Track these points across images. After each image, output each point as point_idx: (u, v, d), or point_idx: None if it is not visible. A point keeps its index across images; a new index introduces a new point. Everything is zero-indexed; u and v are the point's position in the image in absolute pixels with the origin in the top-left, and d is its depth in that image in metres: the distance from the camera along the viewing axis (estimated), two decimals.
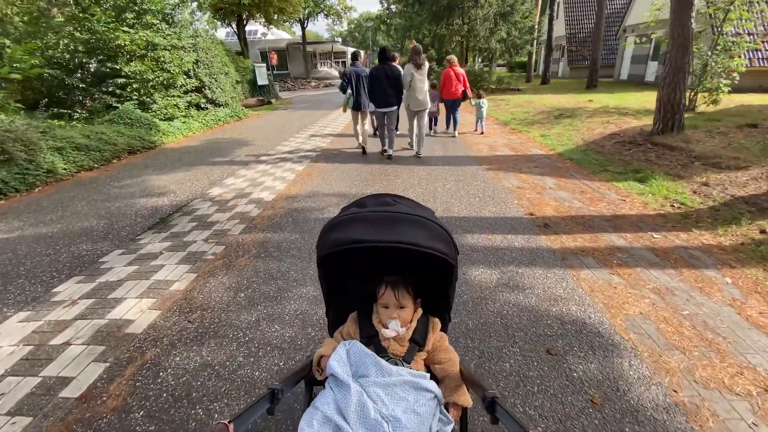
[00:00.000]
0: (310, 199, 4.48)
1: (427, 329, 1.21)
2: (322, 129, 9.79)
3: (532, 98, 13.86)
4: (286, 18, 30.07)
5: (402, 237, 1.03)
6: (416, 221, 1.07)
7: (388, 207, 1.13)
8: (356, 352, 1.10)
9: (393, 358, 1.13)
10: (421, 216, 1.09)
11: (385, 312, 1.18)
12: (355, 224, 1.08)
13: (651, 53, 18.26)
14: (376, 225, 1.06)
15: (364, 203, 1.21)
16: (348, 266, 1.27)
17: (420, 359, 1.18)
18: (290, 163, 6.24)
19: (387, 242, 1.02)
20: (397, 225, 1.05)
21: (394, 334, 1.14)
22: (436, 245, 1.06)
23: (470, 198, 4.48)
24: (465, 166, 5.91)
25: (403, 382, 1.02)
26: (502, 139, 7.88)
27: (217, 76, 11.79)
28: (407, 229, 1.05)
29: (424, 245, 1.03)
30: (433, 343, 1.20)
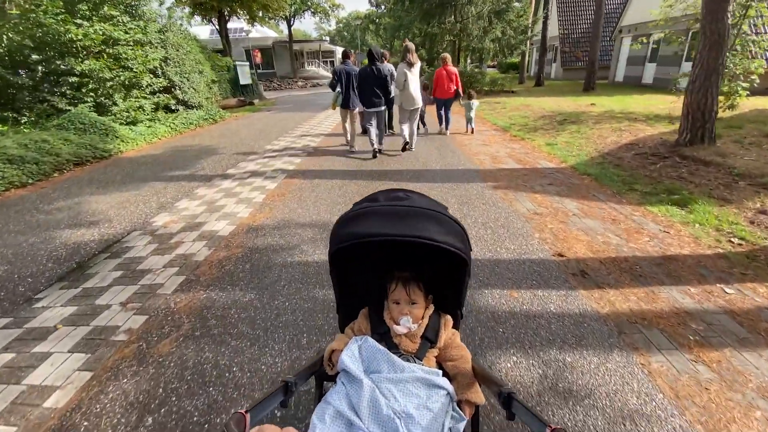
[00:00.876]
0: (279, 233, 3.54)
1: (439, 326, 1.19)
2: (304, 134, 8.83)
3: (528, 101, 13.11)
4: (271, 15, 28.93)
5: (415, 231, 1.01)
6: (430, 215, 1.06)
7: (401, 201, 1.11)
8: (368, 347, 1.09)
9: (405, 354, 1.11)
10: (435, 210, 1.08)
11: (396, 308, 1.17)
12: (367, 218, 1.07)
13: (649, 54, 17.74)
14: (388, 219, 1.04)
15: (376, 198, 1.17)
16: (360, 261, 1.24)
17: (432, 356, 1.16)
18: (261, 179, 5.28)
19: (400, 236, 1.01)
20: (410, 219, 1.04)
21: (405, 331, 1.14)
22: (449, 240, 1.03)
23: (479, 229, 3.61)
24: (468, 182, 5.04)
25: (415, 378, 1.01)
26: (504, 148, 7.05)
27: (189, 75, 10.74)
28: (420, 223, 1.03)
29: (438, 239, 1.01)
30: (445, 340, 1.18)
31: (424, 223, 1.03)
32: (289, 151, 7.05)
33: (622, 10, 20.57)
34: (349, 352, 1.08)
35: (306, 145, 7.59)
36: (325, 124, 10.47)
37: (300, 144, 7.74)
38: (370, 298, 1.27)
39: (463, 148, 7.08)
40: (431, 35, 17.62)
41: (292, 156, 6.68)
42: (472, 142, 7.53)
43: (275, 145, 7.65)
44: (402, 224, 1.02)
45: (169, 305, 2.47)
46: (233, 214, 3.97)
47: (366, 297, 1.29)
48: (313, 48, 42.07)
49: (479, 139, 7.90)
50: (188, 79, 10.66)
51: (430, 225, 1.03)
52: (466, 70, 16.98)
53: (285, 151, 7.12)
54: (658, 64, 17.01)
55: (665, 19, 9.72)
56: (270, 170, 5.71)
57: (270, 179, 5.25)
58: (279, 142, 8.05)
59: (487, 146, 7.22)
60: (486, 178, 5.20)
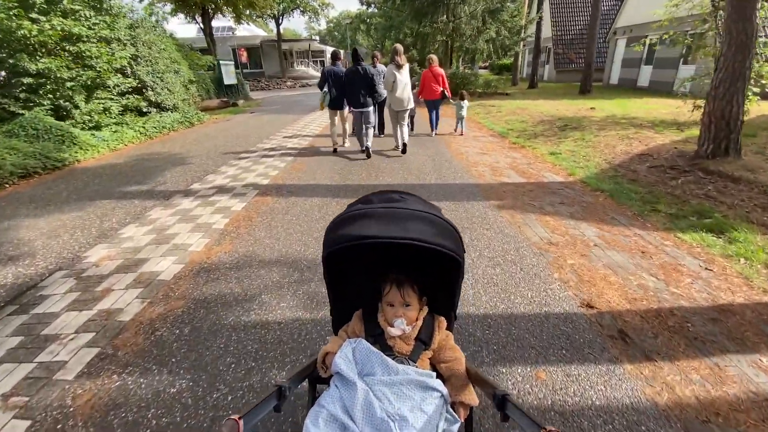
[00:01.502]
0: (236, 276, 2.83)
1: (432, 328, 1.19)
2: (286, 140, 8.13)
3: (524, 104, 12.57)
4: (258, 13, 28.08)
5: (409, 233, 1.01)
6: (423, 217, 1.06)
7: (395, 203, 1.10)
8: (362, 350, 1.08)
9: (399, 356, 1.11)
10: (429, 212, 1.08)
11: (390, 310, 1.16)
12: (361, 220, 1.06)
13: (644, 57, 17.38)
14: (382, 221, 1.04)
15: (370, 200, 1.16)
16: (353, 263, 1.23)
17: (426, 358, 1.14)
18: (228, 197, 4.55)
19: (394, 238, 1.00)
20: (404, 221, 1.04)
21: (399, 333, 1.13)
22: (443, 241, 1.04)
23: (487, 267, 2.96)
24: (468, 200, 4.40)
25: (409, 380, 1.01)
26: (504, 157, 6.44)
27: (163, 74, 9.94)
28: (414, 225, 1.03)
29: (432, 241, 1.01)
30: (438, 341, 1.17)
31: (418, 225, 1.04)
32: (266, 161, 6.34)
33: (616, 12, 20.25)
34: (343, 355, 1.07)
35: (286, 153, 6.89)
36: (311, 127, 9.76)
37: (280, 151, 7.03)
38: (364, 300, 1.26)
39: (460, 157, 6.45)
40: (423, 35, 17.01)
41: (269, 167, 5.97)
42: (469, 151, 6.91)
43: (252, 153, 6.93)
44: (396, 226, 1.02)
45: (64, 402, 1.75)
46: (184, 247, 3.24)
47: (360, 299, 1.27)
48: (302, 47, 41.27)
49: (476, 146, 7.29)
50: (162, 79, 9.86)
51: (424, 227, 1.04)
52: (459, 71, 16.39)
53: (261, 160, 6.41)
54: (654, 66, 16.65)
55: (670, 20, 9.23)
56: (240, 185, 4.99)
57: (238, 197, 4.53)
58: (256, 149, 7.33)
59: (486, 155, 6.60)
60: (488, 195, 4.56)
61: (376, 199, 1.15)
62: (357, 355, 1.08)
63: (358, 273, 1.27)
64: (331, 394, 1.01)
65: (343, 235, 1.04)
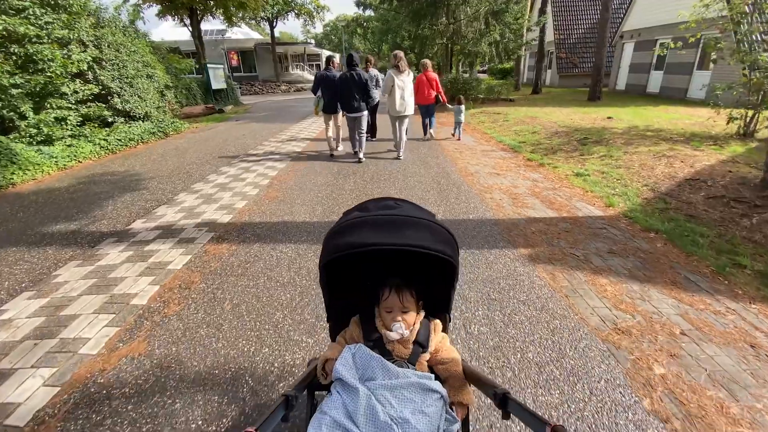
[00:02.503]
0: (133, 415, 1.80)
1: (429, 331, 1.20)
2: (268, 155, 7.08)
3: (532, 112, 11.58)
4: (249, 15, 27.11)
5: (408, 240, 1.03)
6: (420, 223, 1.08)
7: (392, 210, 1.12)
8: (362, 355, 1.09)
9: (398, 360, 1.12)
10: (424, 218, 1.09)
11: (389, 315, 1.17)
12: (359, 228, 1.07)
13: (654, 62, 16.51)
14: (381, 228, 1.05)
15: (366, 207, 1.17)
16: (351, 270, 1.24)
17: (424, 361, 1.16)
18: (170, 246, 3.42)
19: (394, 245, 1.02)
20: (401, 228, 1.05)
21: (398, 337, 1.14)
22: (441, 247, 1.06)
23: (537, 386, 1.91)
24: (488, 247, 3.36)
25: (409, 383, 1.02)
26: (522, 178, 5.42)
27: (133, 80, 8.87)
28: (412, 231, 1.05)
29: (431, 247, 1.03)
30: (435, 344, 1.19)
31: (416, 231, 1.05)
32: (235, 186, 5.27)
33: (622, 15, 19.42)
34: (343, 361, 1.07)
35: (263, 174, 5.82)
36: (299, 139, 8.72)
37: (255, 172, 5.97)
38: (361, 305, 1.27)
39: (469, 179, 5.42)
40: (422, 38, 16.09)
41: (237, 194, 4.89)
42: (480, 170, 5.88)
43: (221, 174, 5.86)
44: (395, 233, 1.03)
45: None
46: (74, 347, 2.12)
47: (356, 305, 1.28)
48: (297, 51, 40.38)
49: (487, 163, 6.27)
50: (131, 84, 8.79)
51: (421, 233, 1.05)
52: (461, 76, 15.42)
53: (231, 185, 5.34)
54: (666, 72, 15.76)
55: (699, 21, 8.28)
56: (193, 225, 3.89)
57: (184, 245, 3.43)
58: (229, 167, 6.27)
59: (500, 176, 5.57)
60: (513, 238, 3.53)
61: (372, 207, 1.16)
62: (357, 360, 1.08)
63: (355, 279, 1.27)
64: (332, 400, 1.01)
65: (343, 243, 1.05)
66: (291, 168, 6.16)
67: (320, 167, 6.22)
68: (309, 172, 5.92)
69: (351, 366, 1.06)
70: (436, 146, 7.73)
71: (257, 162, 6.60)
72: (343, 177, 5.62)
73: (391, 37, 36.01)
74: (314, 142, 8.37)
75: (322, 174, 5.76)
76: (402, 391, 1.00)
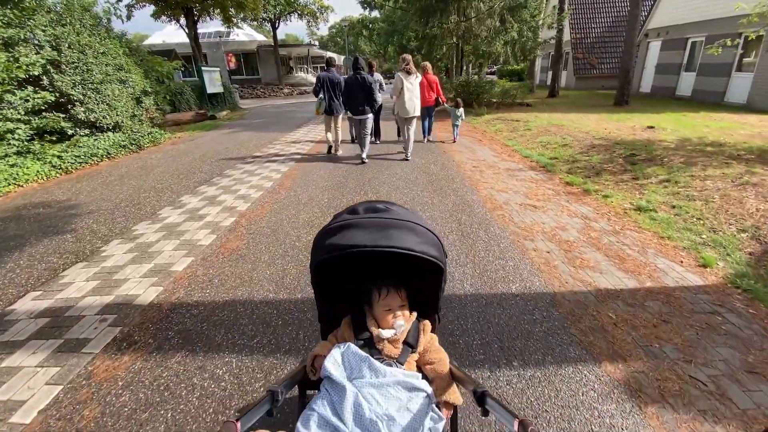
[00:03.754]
0: None
1: (418, 331, 1.22)
2: (246, 175, 5.87)
3: (555, 119, 10.26)
4: (252, 16, 26.09)
5: (395, 242, 1.05)
6: (407, 226, 1.10)
7: (380, 213, 1.15)
8: (350, 354, 1.10)
9: (387, 360, 1.13)
10: (411, 221, 1.12)
11: (387, 314, 1.19)
12: (348, 230, 1.09)
13: (685, 62, 15.10)
14: (369, 230, 1.07)
15: (355, 210, 1.19)
16: (340, 271, 1.27)
17: (413, 360, 1.18)
18: (42, 362, 2.16)
19: (381, 247, 1.04)
20: (389, 230, 1.08)
21: (391, 335, 1.16)
22: (426, 249, 1.09)
23: None
24: (551, 364, 2.07)
25: (396, 382, 1.04)
26: (567, 215, 4.12)
27: (100, 85, 7.73)
28: (399, 234, 1.07)
29: (416, 249, 1.06)
30: (424, 344, 1.21)
31: (402, 234, 1.08)
32: (187, 228, 4.00)
33: (647, 12, 17.98)
34: (332, 359, 1.09)
35: (231, 208, 4.57)
36: (289, 154, 7.50)
37: (221, 204, 4.69)
38: (351, 306, 1.29)
39: (498, 213, 4.13)
40: (430, 37, 14.81)
41: (184, 245, 3.59)
42: (510, 199, 4.60)
43: (178, 208, 4.61)
44: (382, 236, 1.06)
45: None
46: None
47: (347, 306, 1.30)
48: (301, 53, 39.38)
49: (517, 189, 4.99)
50: (98, 91, 7.64)
51: (408, 236, 1.08)
52: (474, 79, 14.11)
53: (182, 226, 4.08)
54: (698, 73, 14.34)
55: (760, 15, 6.92)
56: (98, 309, 2.57)
57: (61, 360, 2.13)
58: (191, 198, 5.02)
59: (537, 209, 4.29)
60: (585, 337, 2.24)
61: (361, 210, 1.18)
62: (346, 359, 1.09)
63: (345, 280, 1.30)
64: (321, 398, 1.02)
65: (331, 244, 1.08)
66: (269, 198, 4.90)
67: (306, 195, 4.98)
68: (289, 203, 4.67)
69: (339, 364, 1.07)
70: (449, 163, 6.46)
71: (229, 188, 5.35)
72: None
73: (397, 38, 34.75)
74: (301, 164, 7.13)
75: (306, 209, 4.49)
76: (388, 389, 1.01)
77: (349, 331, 1.22)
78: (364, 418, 0.94)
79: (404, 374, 1.07)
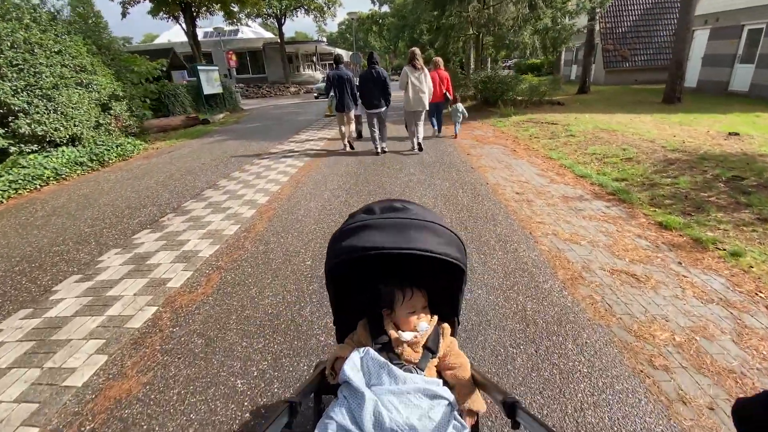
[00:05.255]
0: None
1: (438, 335, 1.17)
2: (211, 209, 4.41)
3: (600, 122, 8.56)
4: (250, 11, 24.76)
5: (414, 243, 1.00)
6: (427, 227, 1.05)
7: (398, 213, 1.09)
8: (370, 359, 1.06)
9: (407, 365, 1.08)
10: (431, 221, 1.07)
11: (412, 316, 1.15)
12: (365, 231, 1.04)
13: (740, 52, 13.14)
14: (386, 232, 1.03)
15: (372, 209, 1.13)
16: (357, 273, 1.22)
17: (433, 366, 1.13)
18: None
19: (399, 249, 0.99)
20: (407, 231, 1.03)
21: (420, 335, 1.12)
22: (448, 250, 1.04)
23: None
24: None
25: (416, 389, 0.99)
26: (693, 297, 2.53)
27: (52, 90, 6.37)
28: (418, 234, 1.03)
29: (437, 251, 1.01)
30: (444, 348, 1.16)
31: (422, 234, 1.03)
32: (100, 313, 2.59)
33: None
34: (351, 363, 1.05)
35: (162, 280, 3.05)
36: (276, 173, 6.03)
37: (156, 269, 3.18)
38: (367, 309, 1.24)
39: (583, 295, 2.56)
40: (446, 28, 13.15)
41: (84, 343, 2.20)
42: (591, 260, 3.01)
43: (102, 272, 3.15)
44: (400, 236, 1.01)
45: None
46: None
47: (363, 308, 1.26)
48: (308, 50, 38.01)
49: (593, 235, 3.38)
50: (49, 98, 6.29)
51: (428, 236, 1.03)
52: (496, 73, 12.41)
53: (93, 309, 2.66)
54: (758, 66, 12.39)
55: None
56: None
57: None
58: (119, 255, 3.55)
59: (641, 283, 2.70)
60: None
61: (378, 209, 1.13)
62: (365, 364, 1.05)
63: (361, 282, 1.25)
64: (339, 405, 0.98)
65: (347, 246, 1.04)
66: (225, 257, 3.32)
67: (281, 249, 3.48)
68: (249, 277, 3.13)
69: (358, 369, 1.04)
70: (482, 186, 4.88)
71: (173, 238, 3.77)
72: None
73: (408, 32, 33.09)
74: (284, 189, 5.64)
75: (273, 286, 2.95)
76: (409, 397, 0.97)
77: (366, 335, 1.18)
78: (385, 427, 0.90)
79: (425, 381, 1.02)
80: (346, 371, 1.01)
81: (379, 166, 6.13)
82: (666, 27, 19.83)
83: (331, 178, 5.60)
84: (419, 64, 6.31)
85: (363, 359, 1.05)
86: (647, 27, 19.95)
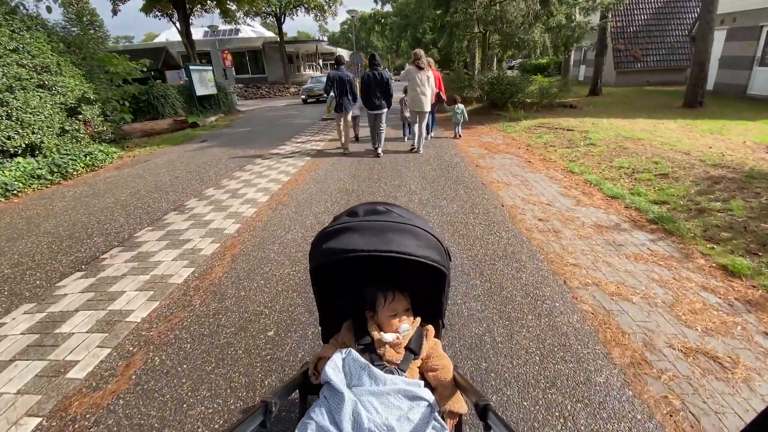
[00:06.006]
0: None
1: (421, 337, 1.17)
2: (170, 239, 3.65)
3: (621, 128, 7.77)
4: (247, 9, 23.99)
5: (393, 246, 1.01)
6: (406, 230, 1.06)
7: (380, 216, 1.11)
8: (351, 360, 1.06)
9: (389, 366, 1.08)
10: (412, 224, 1.08)
11: (394, 319, 1.16)
12: (345, 234, 1.05)
13: (759, 55, 12.32)
14: (366, 234, 1.04)
15: (355, 212, 1.15)
16: (340, 275, 1.23)
17: (415, 367, 1.12)
18: None
19: (379, 252, 1.00)
20: (387, 234, 1.04)
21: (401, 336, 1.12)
22: (427, 253, 1.05)
23: None
24: None
25: (397, 390, 1.00)
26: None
27: (5, 94, 5.62)
28: (398, 237, 1.03)
29: (416, 254, 1.02)
30: (427, 350, 1.16)
31: (401, 237, 1.03)
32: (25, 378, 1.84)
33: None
34: (333, 365, 1.05)
35: (86, 345, 2.34)
36: (257, 190, 5.27)
37: (84, 324, 2.45)
38: (352, 310, 1.26)
39: (663, 413, 1.79)
40: (450, 26, 12.36)
41: None
42: (653, 332, 2.21)
43: (2, 329, 2.43)
44: (379, 239, 1.02)
45: None
46: None
47: (348, 310, 1.27)
48: (309, 49, 37.24)
49: (645, 287, 2.59)
50: (1, 102, 5.53)
51: (407, 240, 1.03)
52: (504, 74, 11.64)
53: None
54: None
55: None
56: None
57: None
58: (35, 313, 2.83)
59: (727, 373, 1.92)
60: None
61: (361, 212, 1.13)
62: (346, 365, 1.06)
63: (345, 284, 1.26)
64: (319, 406, 0.99)
65: (327, 249, 1.04)
66: (162, 324, 2.50)
67: (239, 310, 2.72)
68: (185, 360, 2.32)
69: (339, 370, 1.04)
70: (495, 209, 4.09)
71: (114, 280, 3.02)
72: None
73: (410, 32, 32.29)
74: (261, 213, 4.87)
75: (214, 377, 2.20)
76: (388, 398, 0.98)
77: (350, 336, 1.17)
78: (363, 427, 0.90)
79: (405, 382, 1.02)
80: (328, 372, 1.02)
81: (375, 182, 5.36)
82: (679, 27, 19.00)
83: (318, 198, 4.84)
84: (422, 64, 6.26)
85: (345, 360, 1.06)
86: (660, 26, 19.13)
